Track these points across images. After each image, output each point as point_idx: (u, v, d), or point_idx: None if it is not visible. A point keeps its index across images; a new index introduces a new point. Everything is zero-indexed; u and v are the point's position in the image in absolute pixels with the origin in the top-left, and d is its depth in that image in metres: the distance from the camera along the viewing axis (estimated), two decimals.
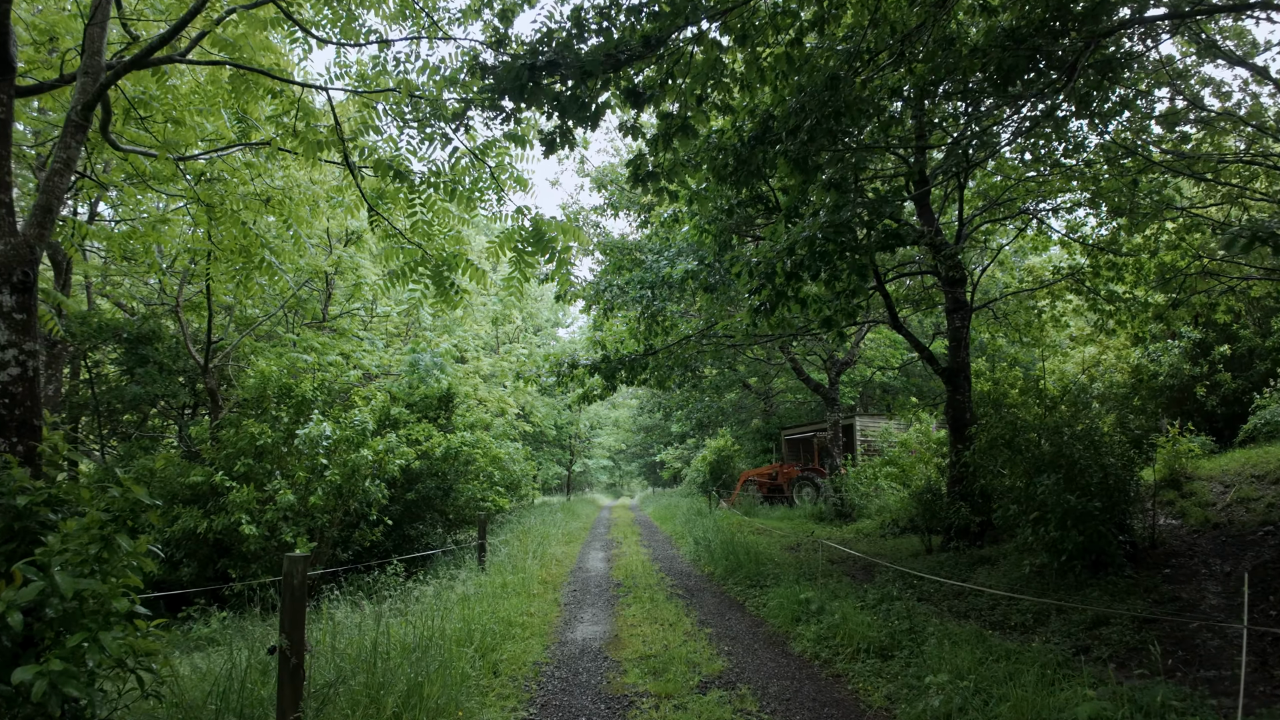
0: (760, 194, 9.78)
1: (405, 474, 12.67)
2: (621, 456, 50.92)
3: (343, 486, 10.38)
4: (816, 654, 6.77)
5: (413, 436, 11.92)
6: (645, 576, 11.43)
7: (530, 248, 5.70)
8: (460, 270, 6.53)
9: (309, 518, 10.62)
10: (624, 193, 11.63)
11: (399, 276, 6.52)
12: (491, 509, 13.70)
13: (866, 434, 23.38)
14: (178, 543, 11.19)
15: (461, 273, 6.56)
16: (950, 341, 12.42)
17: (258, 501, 10.43)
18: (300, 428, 10.12)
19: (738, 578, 10.54)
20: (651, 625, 8.05)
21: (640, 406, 40.88)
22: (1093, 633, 6.84)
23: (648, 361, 12.21)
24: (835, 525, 17.63)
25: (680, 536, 16.92)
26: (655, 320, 11.21)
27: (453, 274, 6.56)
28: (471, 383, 17.14)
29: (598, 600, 9.64)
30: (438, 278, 6.44)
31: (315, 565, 10.94)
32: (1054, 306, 14.86)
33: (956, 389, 12.10)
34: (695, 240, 9.06)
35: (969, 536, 11.27)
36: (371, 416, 10.63)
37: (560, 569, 12.17)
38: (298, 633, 4.08)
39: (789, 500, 22.31)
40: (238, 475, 10.66)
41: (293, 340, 12.27)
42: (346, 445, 10.38)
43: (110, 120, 5.42)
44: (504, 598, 8.62)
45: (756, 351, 21.83)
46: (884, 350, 20.49)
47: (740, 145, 7.26)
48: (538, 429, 25.68)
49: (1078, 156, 12.43)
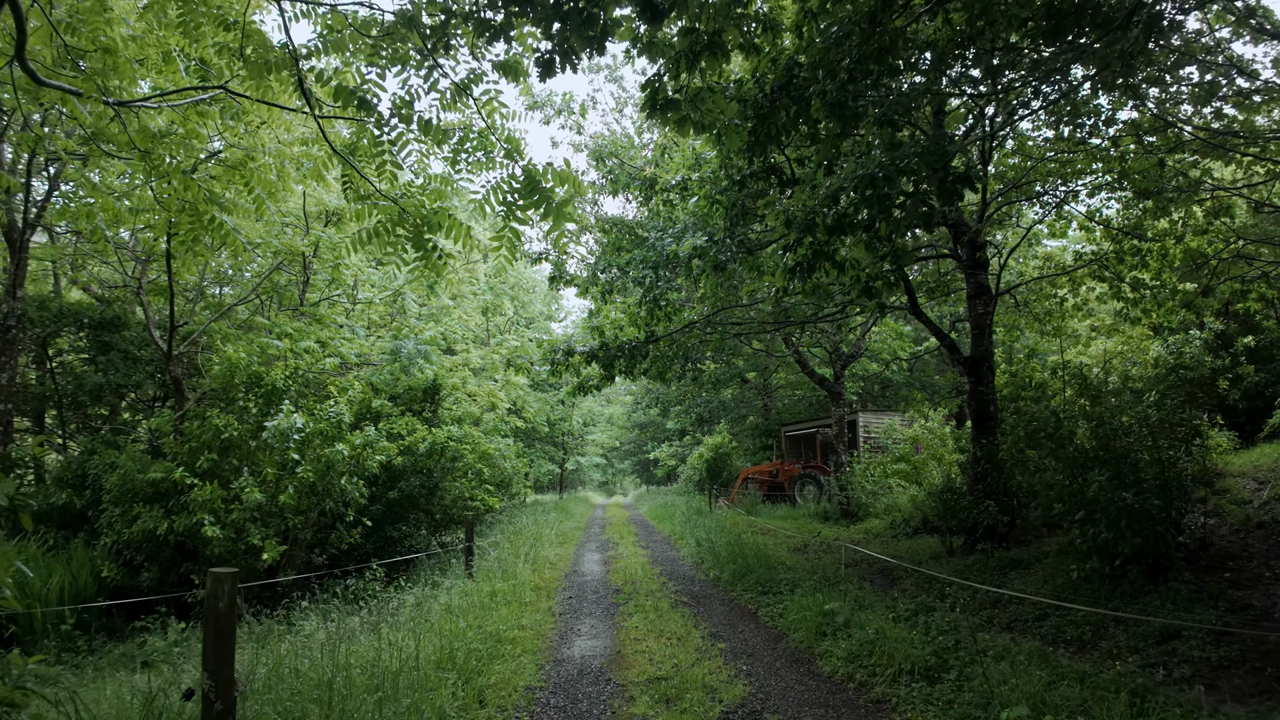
0: (774, 166, 8.90)
1: (387, 471, 11.74)
2: (615, 454, 49.99)
3: (316, 484, 9.45)
4: (850, 675, 5.90)
5: (394, 430, 10.99)
6: (646, 581, 10.55)
7: (522, 200, 4.80)
8: (444, 231, 5.63)
9: (279, 518, 9.69)
10: (624, 167, 10.74)
11: (373, 237, 5.61)
12: (480, 508, 12.79)
13: (870, 430, 22.56)
14: (138, 545, 10.25)
15: (446, 233, 5.65)
16: (973, 329, 11.60)
17: (223, 500, 9.49)
18: (270, 420, 9.18)
19: (747, 583, 9.68)
20: (657, 639, 7.17)
21: (635, 402, 39.96)
22: (1164, 648, 6.02)
23: (648, 350, 11.32)
24: (841, 525, 16.82)
25: (680, 537, 16.05)
26: (657, 305, 10.31)
27: (434, 234, 5.65)
28: (460, 375, 16.20)
29: (596, 609, 8.76)
30: (417, 238, 5.54)
31: (287, 570, 10.00)
32: (1077, 294, 14.07)
33: (980, 380, 11.28)
34: (704, 212, 8.19)
35: (996, 538, 10.46)
36: (348, 408, 9.69)
37: (554, 573, 11.27)
38: (225, 669, 3.18)
39: (791, 499, 21.48)
40: (201, 472, 9.72)
41: (265, 326, 11.32)
42: (321, 439, 9.45)
43: (25, 40, 4.48)
44: (492, 608, 7.72)
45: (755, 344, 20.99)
46: (890, 343, 19.66)
47: (761, 97, 6.38)
48: (530, 425, 24.75)
49: (1103, 135, 11.67)
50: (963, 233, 11.47)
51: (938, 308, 16.69)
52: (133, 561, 10.66)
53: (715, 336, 12.70)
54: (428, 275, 5.75)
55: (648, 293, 10.14)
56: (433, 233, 5.69)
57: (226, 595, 3.23)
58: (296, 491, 9.32)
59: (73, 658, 9.41)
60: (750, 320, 12.15)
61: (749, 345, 18.38)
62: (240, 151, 7.45)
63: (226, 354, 9.57)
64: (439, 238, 5.90)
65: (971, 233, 11.37)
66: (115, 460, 10.87)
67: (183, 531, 9.66)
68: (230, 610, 3.24)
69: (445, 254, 5.83)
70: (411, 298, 13.08)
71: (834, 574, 9.80)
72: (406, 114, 4.71)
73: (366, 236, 5.76)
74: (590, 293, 11.48)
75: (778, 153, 9.13)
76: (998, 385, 11.57)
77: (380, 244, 5.79)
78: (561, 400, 29.14)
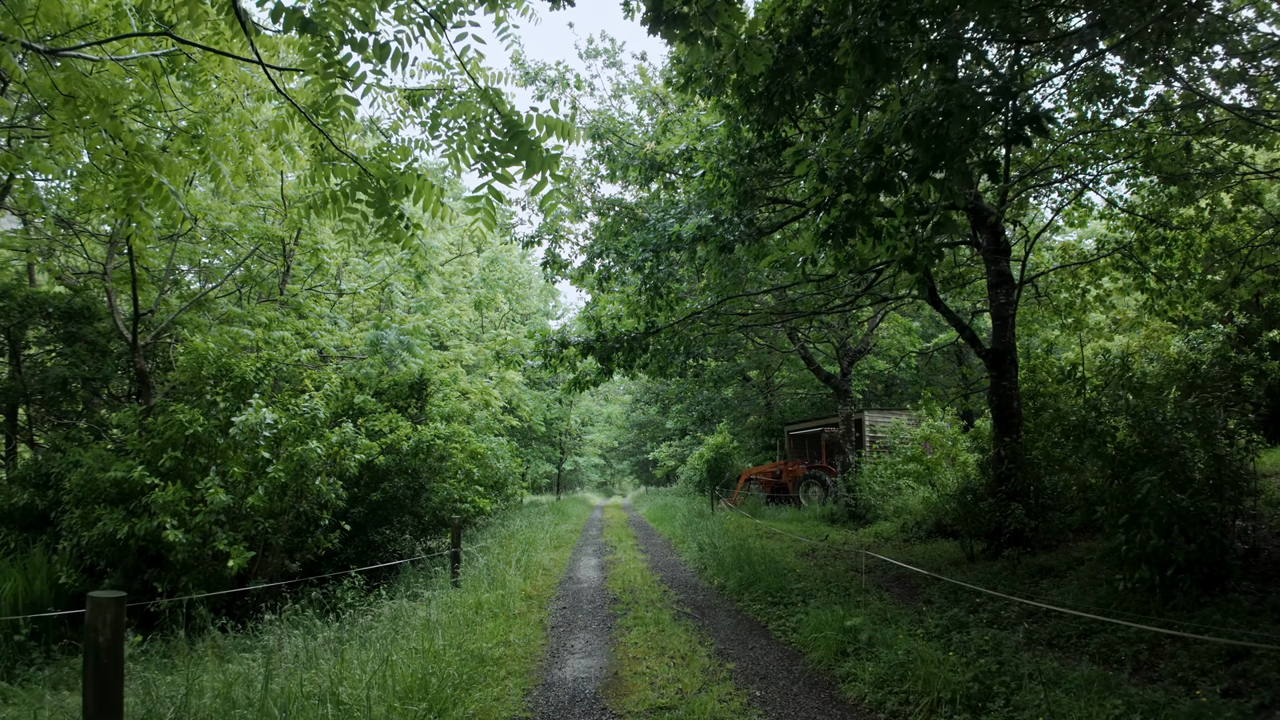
0: (785, 140, 8.17)
1: (369, 471, 11.00)
2: (613, 454, 49.20)
3: (289, 485, 8.71)
4: (880, 703, 5.17)
5: (375, 428, 10.25)
6: (646, 590, 9.82)
7: (502, 152, 4.06)
8: (412, 195, 4.89)
9: (249, 521, 8.95)
10: (623, 146, 10.00)
11: (329, 202, 4.88)
12: (470, 511, 12.04)
13: (876, 430, 21.83)
14: (98, 549, 9.51)
15: (414, 199, 4.90)
16: (994, 320, 10.89)
17: (187, 502, 8.75)
18: (238, 415, 8.45)
19: (755, 593, 8.95)
20: (659, 658, 6.44)
21: (634, 401, 39.18)
22: (1234, 669, 5.29)
23: (648, 342, 10.59)
24: (850, 528, 16.09)
25: (680, 540, 15.31)
26: (658, 292, 9.58)
27: (400, 200, 4.91)
28: (451, 371, 15.45)
29: (591, 621, 8.02)
30: (379, 203, 4.80)
31: (257, 578, 9.26)
32: (1098, 285, 13.37)
33: (1002, 374, 10.57)
34: (711, 186, 7.47)
35: (1022, 542, 9.74)
36: (325, 403, 8.95)
37: (548, 580, 10.53)
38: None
39: (795, 500, 20.75)
40: (164, 471, 8.98)
41: (239, 315, 10.58)
42: (294, 437, 8.71)
43: None
44: (477, 623, 6.98)
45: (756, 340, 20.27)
46: (900, 339, 18.94)
47: (778, 51, 5.66)
48: (526, 424, 23.98)
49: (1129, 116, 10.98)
50: (983, 218, 10.76)
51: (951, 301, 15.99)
52: (95, 567, 9.93)
53: (719, 329, 11.98)
54: (392, 247, 4.99)
55: (648, 279, 9.41)
56: (399, 198, 4.95)
57: (109, 628, 2.50)
58: (267, 493, 8.58)
59: (26, 670, 8.68)
60: (756, 311, 11.42)
61: (753, 340, 17.64)
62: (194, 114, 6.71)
63: (193, 344, 8.83)
64: (406, 204, 5.18)
65: (994, 217, 10.67)
66: (79, 458, 10.15)
67: (144, 535, 8.93)
68: (115, 646, 2.51)
69: (413, 223, 5.09)
70: (399, 289, 12.34)
71: (849, 583, 9.08)
72: (360, 41, 3.98)
73: (322, 201, 5.03)
74: (585, 280, 10.75)
75: (790, 125, 8.42)
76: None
77: (337, 209, 5.06)
78: (558, 398, 28.39)
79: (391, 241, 5.08)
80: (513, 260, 21.44)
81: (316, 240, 10.22)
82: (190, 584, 9.16)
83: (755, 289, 11.36)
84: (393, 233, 4.93)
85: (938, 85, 3.36)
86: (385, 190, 4.86)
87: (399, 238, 5.06)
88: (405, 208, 5.17)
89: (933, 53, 3.53)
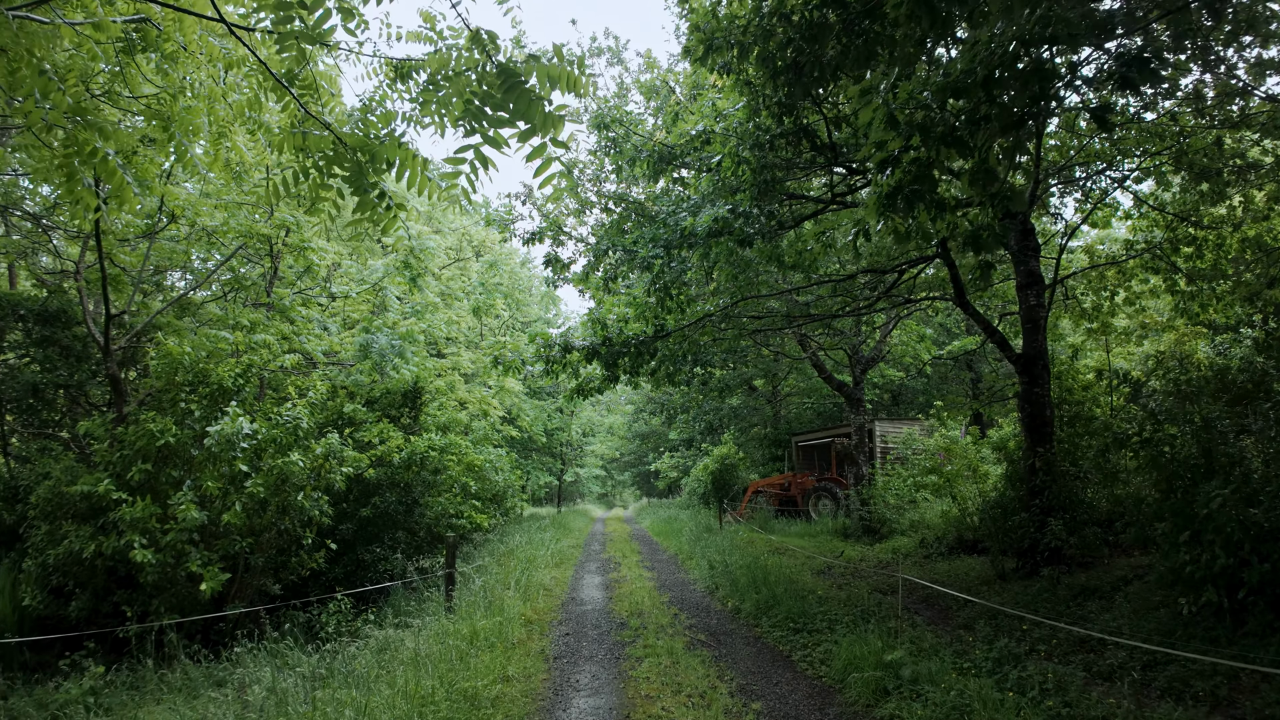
0: (807, 128, 7.55)
1: (359, 485, 10.32)
2: (614, 466, 48.39)
3: (269, 501, 8.04)
4: None
5: (365, 438, 9.58)
6: (655, 612, 9.11)
7: (494, 109, 3.42)
8: (395, 171, 4.24)
9: (226, 540, 8.27)
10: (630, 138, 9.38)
11: (299, 178, 4.25)
12: (467, 527, 11.34)
13: (888, 439, 21.12)
14: (64, 569, 8.82)
15: (397, 176, 4.26)
16: (1024, 323, 10.24)
17: (158, 519, 8.07)
18: (214, 424, 7.79)
19: (775, 617, 8.24)
20: (674, 696, 5.74)
21: (636, 411, 38.45)
22: None
23: (656, 347, 9.94)
24: (865, 543, 15.40)
25: (688, 557, 14.60)
26: (669, 293, 8.94)
27: (381, 176, 4.27)
28: (448, 379, 14.79)
29: (597, 650, 7.32)
30: (355, 178, 4.16)
31: (235, 602, 8.57)
32: (1127, 287, 12.73)
33: (1034, 380, 9.92)
34: (729, 174, 6.85)
35: (1060, 560, 9.07)
36: (308, 412, 8.29)
37: (549, 602, 9.83)
38: None
39: (805, 514, 20.03)
40: (135, 485, 8.30)
41: (219, 318, 9.92)
42: (275, 448, 8.05)
43: None
44: (471, 655, 6.28)
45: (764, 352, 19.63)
46: (913, 346, 18.28)
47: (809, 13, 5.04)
48: (526, 434, 23.27)
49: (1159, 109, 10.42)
50: (1012, 214, 10.15)
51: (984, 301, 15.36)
52: (63, 588, 9.24)
53: (730, 333, 11.33)
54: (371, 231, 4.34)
55: (657, 279, 8.77)
56: (379, 173, 4.31)
57: None
58: (245, 509, 7.91)
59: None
60: (771, 313, 10.77)
61: (765, 347, 16.98)
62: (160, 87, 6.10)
63: (168, 347, 8.18)
64: (389, 182, 4.54)
65: (1022, 214, 10.06)
66: (49, 469, 9.48)
67: (112, 555, 8.25)
68: None
69: (396, 202, 4.44)
70: (394, 293, 11.70)
71: (876, 606, 8.38)
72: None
73: (293, 177, 4.39)
74: (590, 281, 10.10)
75: (812, 111, 7.80)
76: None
77: (312, 187, 4.42)
78: (559, 408, 27.70)
79: (371, 224, 4.43)
80: (513, 266, 20.84)
81: (303, 238, 9.58)
82: (162, 608, 8.47)
83: (769, 291, 10.73)
84: (372, 213, 4.29)
85: (1030, 14, 2.73)
86: (364, 164, 4.22)
87: (379, 220, 4.41)
88: (387, 186, 4.53)
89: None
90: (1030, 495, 9.62)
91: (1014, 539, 9.61)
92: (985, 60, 2.85)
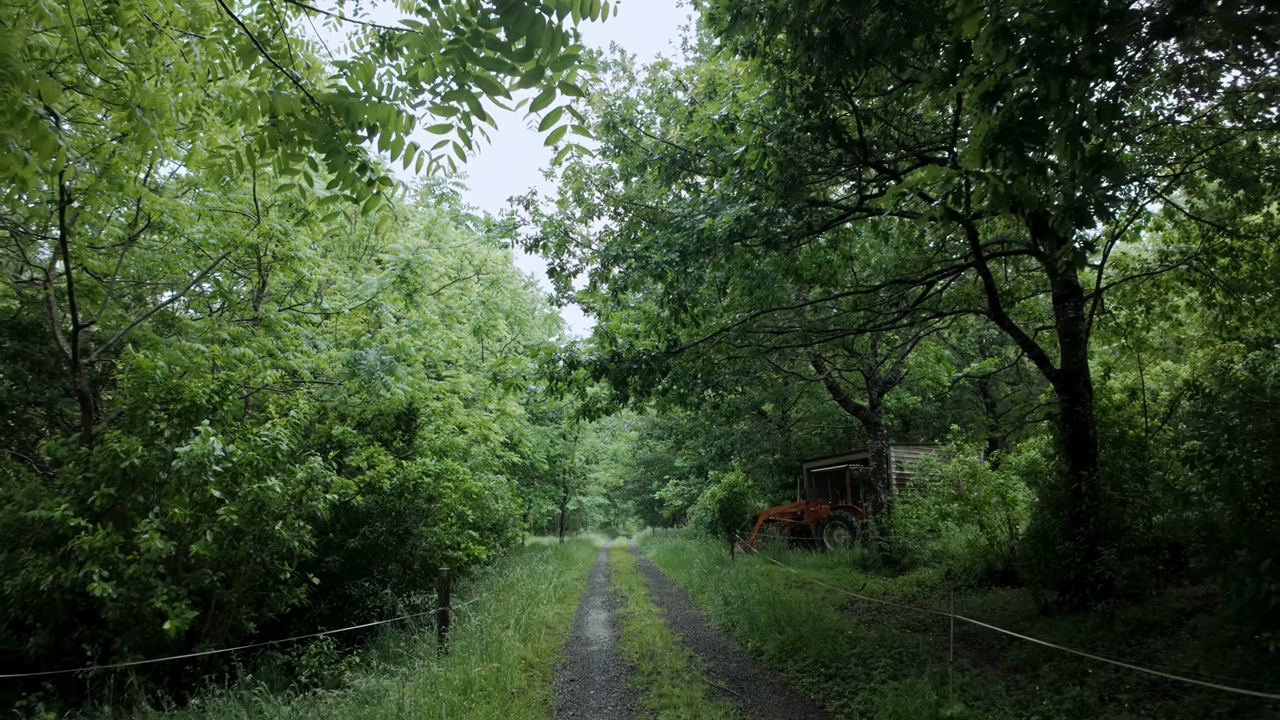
0: (834, 122, 6.94)
1: (347, 514, 9.56)
2: (618, 494, 47.31)
3: (244, 530, 7.29)
4: None
5: (353, 463, 8.84)
6: (668, 654, 8.28)
7: (490, 50, 2.79)
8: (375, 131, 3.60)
9: (196, 573, 7.50)
10: (641, 142, 8.80)
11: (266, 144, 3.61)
12: (463, 559, 10.53)
13: (903, 466, 20.30)
14: (23, 601, 8.03)
15: (382, 141, 3.61)
16: (1063, 337, 9.58)
17: (121, 549, 7.31)
18: (183, 445, 7.08)
19: (802, 661, 7.42)
20: None
21: (641, 437, 37.55)
22: None
23: (669, 364, 9.25)
24: (885, 575, 14.55)
25: (698, 590, 13.74)
26: (683, 305, 8.28)
27: (358, 143, 3.63)
28: (447, 402, 14.08)
29: (606, 700, 6.50)
30: (326, 140, 3.52)
31: (206, 642, 7.76)
32: (1163, 300, 12.05)
33: (1075, 398, 9.22)
34: (754, 164, 6.23)
35: (1113, 594, 8.29)
36: (288, 433, 7.58)
37: (552, 641, 8.99)
38: None
39: (819, 544, 19.14)
40: (98, 510, 7.56)
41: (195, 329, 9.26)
42: (251, 471, 7.32)
43: None
44: (465, 709, 5.48)
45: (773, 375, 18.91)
46: (931, 367, 17.56)
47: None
48: (528, 461, 22.45)
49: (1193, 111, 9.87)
50: (1046, 222, 9.53)
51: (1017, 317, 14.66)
52: (22, 621, 8.45)
53: (747, 351, 10.64)
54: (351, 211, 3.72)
55: (670, 288, 8.11)
56: (356, 137, 3.67)
57: None
58: (216, 539, 7.15)
59: None
60: (790, 329, 10.09)
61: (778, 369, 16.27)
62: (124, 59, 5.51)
63: (137, 360, 7.50)
64: (371, 152, 3.88)
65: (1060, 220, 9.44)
66: (12, 492, 8.74)
67: (71, 587, 7.48)
68: None
69: (378, 175, 3.79)
70: (389, 310, 11.06)
71: (914, 647, 7.57)
72: None
73: (259, 145, 3.75)
74: (596, 294, 9.44)
75: (840, 104, 7.20)
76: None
77: (281, 158, 3.78)
78: (563, 434, 26.90)
79: (350, 201, 3.77)
80: (516, 287, 20.26)
81: (290, 246, 8.95)
82: (125, 647, 7.66)
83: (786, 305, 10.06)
84: (351, 187, 3.63)
85: None
86: (338, 124, 3.57)
87: (360, 195, 3.76)
88: (368, 156, 3.88)
89: None
90: (1073, 522, 8.88)
91: (1056, 570, 8.85)
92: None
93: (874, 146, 7.44)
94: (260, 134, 3.70)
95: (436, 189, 21.49)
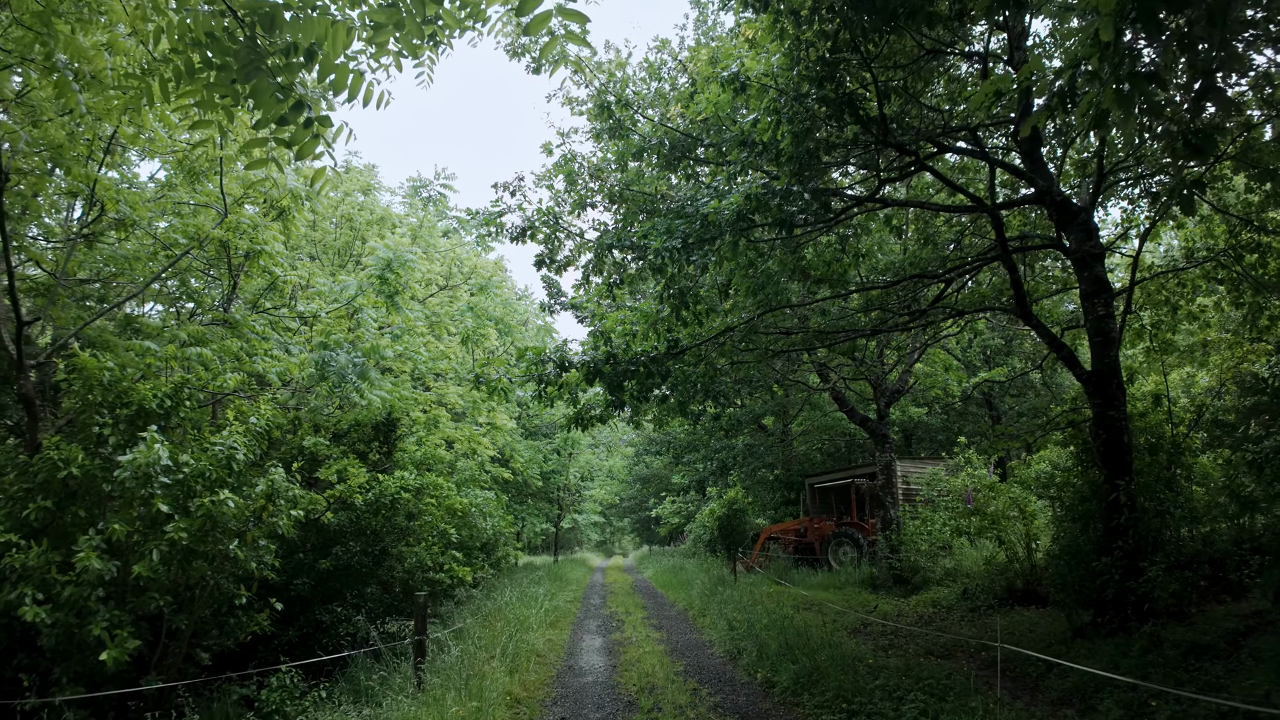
0: (850, 97, 6.30)
1: (318, 532, 8.77)
2: (613, 511, 46.34)
3: (195, 549, 6.52)
4: None
5: (324, 477, 8.08)
6: (669, 687, 7.49)
7: None
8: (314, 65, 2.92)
9: (143, 596, 6.71)
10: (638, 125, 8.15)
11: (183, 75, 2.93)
12: (446, 581, 9.73)
13: (910, 480, 19.55)
14: None
15: (321, 70, 2.93)
16: (1093, 336, 8.90)
17: (58, 569, 6.53)
18: (126, 453, 6.33)
19: (820, 695, 6.65)
20: None
21: (638, 453, 36.69)
22: None
23: (668, 367, 8.54)
24: (897, 595, 13.79)
25: (700, 613, 12.93)
26: (684, 301, 7.59)
27: (292, 73, 2.94)
28: (433, 414, 13.32)
29: None
30: (248, 62, 2.82)
31: (153, 676, 6.95)
32: (1190, 299, 11.43)
33: (1108, 401, 8.54)
34: (767, 133, 5.58)
35: (1153, 613, 7.56)
36: (245, 441, 6.83)
37: (541, 672, 8.19)
38: None
39: (825, 562, 18.35)
40: (36, 525, 6.78)
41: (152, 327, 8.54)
42: (203, 483, 6.56)
43: None
44: None
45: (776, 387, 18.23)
46: (940, 376, 16.90)
47: None
48: (520, 477, 21.63)
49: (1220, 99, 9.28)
50: (1073, 214, 8.90)
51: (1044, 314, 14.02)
52: None
53: (751, 356, 9.94)
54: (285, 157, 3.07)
55: (671, 283, 7.43)
56: (290, 72, 2.98)
57: None
58: (163, 558, 6.38)
59: None
60: (798, 331, 9.41)
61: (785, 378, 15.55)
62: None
63: (82, 360, 6.77)
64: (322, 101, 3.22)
65: (1084, 215, 8.81)
66: None
67: (5, 611, 6.68)
68: None
69: (315, 114, 3.10)
70: (370, 314, 10.35)
71: (945, 677, 6.80)
72: None
73: (174, 75, 3.06)
74: (590, 293, 8.73)
75: (855, 76, 6.56)
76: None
77: (200, 85, 3.08)
78: (557, 449, 26.09)
79: (284, 145, 3.07)
80: (507, 296, 19.57)
81: (259, 240, 8.26)
82: (64, 678, 6.84)
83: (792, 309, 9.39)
84: (289, 131, 2.93)
85: None
86: (262, 43, 2.88)
87: (295, 139, 3.06)
88: (306, 91, 3.18)
89: None
90: (1109, 535, 8.18)
91: (1091, 588, 8.14)
92: None
93: (894, 126, 6.79)
94: (174, 59, 3.01)
95: (423, 190, 20.82)
